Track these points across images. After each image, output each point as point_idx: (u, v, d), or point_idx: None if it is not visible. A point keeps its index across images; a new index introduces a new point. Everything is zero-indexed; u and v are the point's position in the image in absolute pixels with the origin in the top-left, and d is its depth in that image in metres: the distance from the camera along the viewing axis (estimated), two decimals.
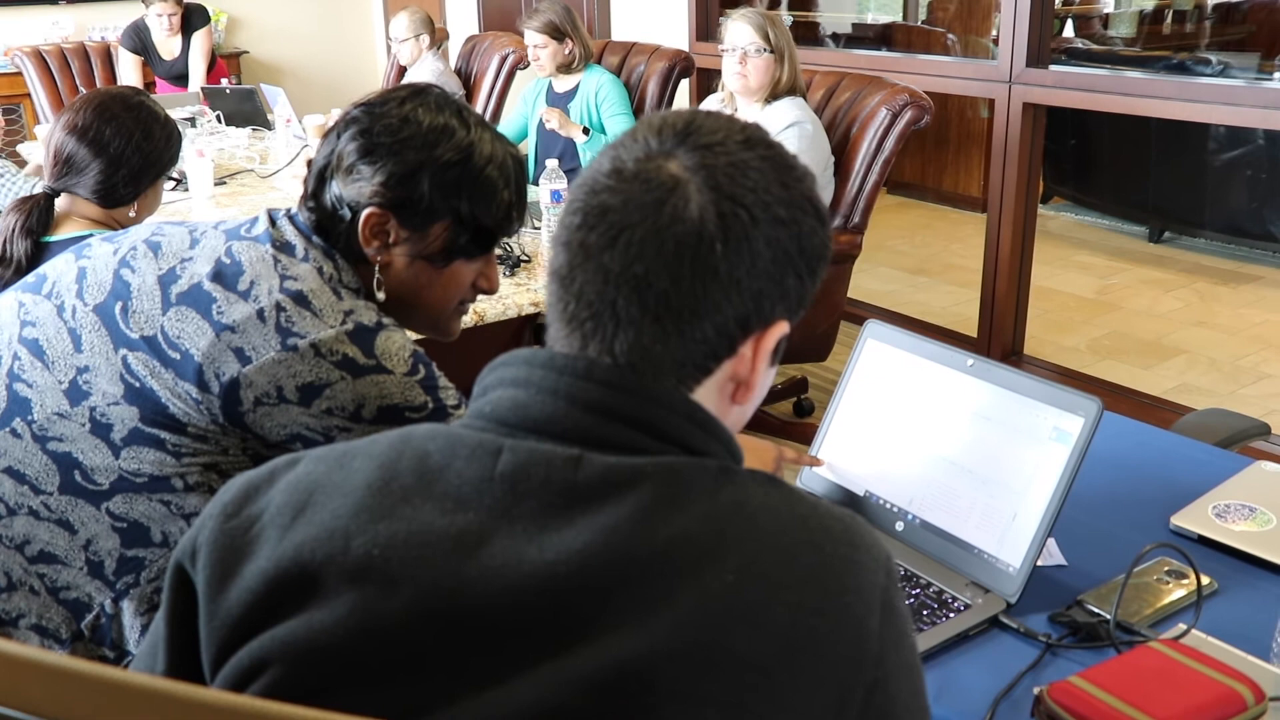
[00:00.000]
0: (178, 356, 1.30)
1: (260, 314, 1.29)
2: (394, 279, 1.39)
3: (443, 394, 1.38)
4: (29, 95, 5.88)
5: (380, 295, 1.39)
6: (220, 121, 4.65)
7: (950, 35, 6.22)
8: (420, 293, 1.41)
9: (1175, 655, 1.04)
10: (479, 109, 4.94)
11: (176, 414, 1.31)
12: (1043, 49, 3.66)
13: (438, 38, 5.24)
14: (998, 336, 3.89)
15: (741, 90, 3.18)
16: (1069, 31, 6.43)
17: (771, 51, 3.09)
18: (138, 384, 1.31)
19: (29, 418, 1.33)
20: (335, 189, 1.36)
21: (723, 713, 0.68)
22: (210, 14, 5.79)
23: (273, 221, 1.39)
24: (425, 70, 4.92)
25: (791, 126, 3.03)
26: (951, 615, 1.25)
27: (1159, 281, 5.08)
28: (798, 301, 0.84)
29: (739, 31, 3.11)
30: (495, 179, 1.38)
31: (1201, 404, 3.34)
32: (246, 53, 6.93)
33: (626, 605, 0.70)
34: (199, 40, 5.56)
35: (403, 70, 5.20)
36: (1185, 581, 1.28)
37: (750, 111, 3.18)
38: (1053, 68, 3.66)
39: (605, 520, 0.72)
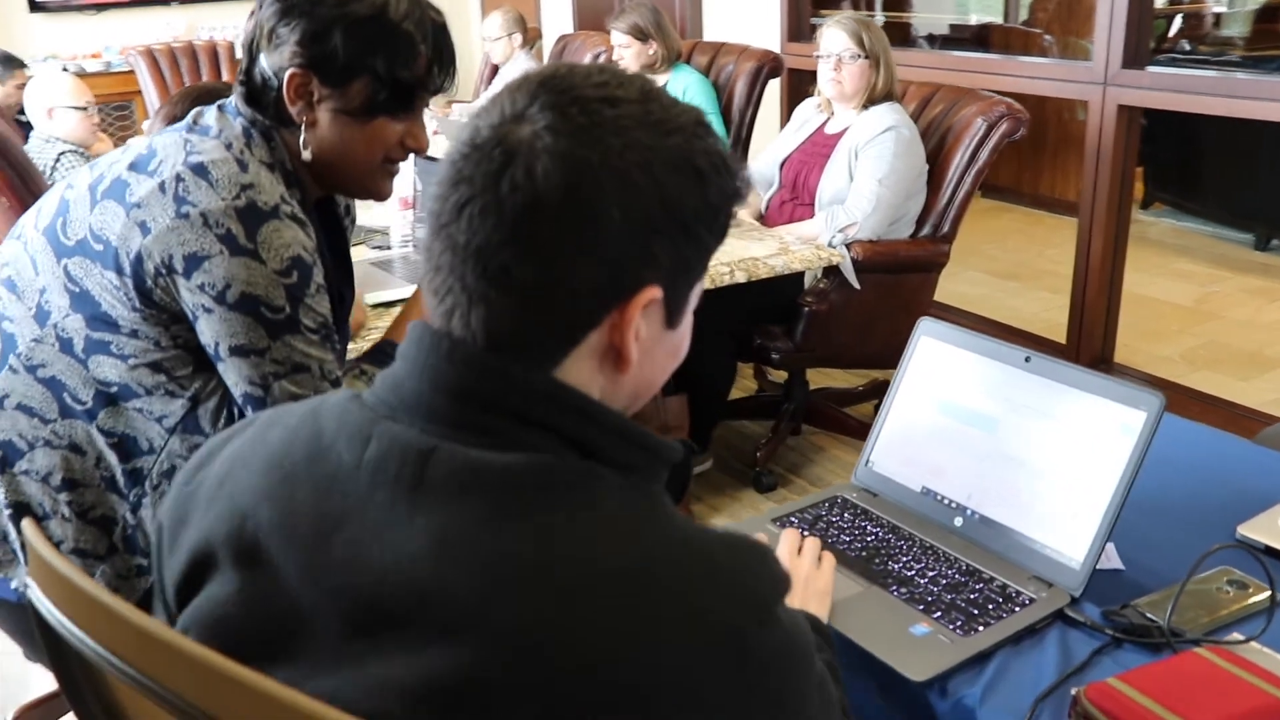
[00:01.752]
0: (101, 248, 1.35)
1: (161, 186, 1.33)
2: (320, 138, 1.43)
3: (304, 311, 1.38)
4: (139, 93, 6.10)
5: (306, 154, 1.43)
6: None
7: (1047, 36, 6.09)
8: (345, 150, 1.44)
9: (1221, 662, 1.01)
10: None
11: (108, 311, 1.36)
12: (1140, 49, 3.56)
13: (530, 37, 5.30)
14: (1086, 343, 3.80)
15: (837, 96, 3.18)
16: (1179, 32, 6.25)
17: (866, 57, 3.08)
18: (77, 289, 1.37)
19: (17, 351, 1.41)
20: (262, 62, 1.40)
21: None
22: None
23: (200, 114, 1.44)
24: (517, 69, 4.98)
25: (888, 131, 3.02)
26: (1017, 610, 1.23)
27: (1263, 291, 4.91)
28: (675, 266, 0.78)
29: (833, 38, 3.10)
30: (412, 34, 1.40)
31: None
32: None
33: (443, 619, 0.68)
34: None
35: (495, 68, 5.27)
36: (1247, 591, 1.24)
37: (847, 116, 3.18)
38: (1150, 69, 3.57)
39: (439, 527, 0.71)
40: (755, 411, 3.65)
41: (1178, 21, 6.26)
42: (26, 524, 0.84)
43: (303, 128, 1.42)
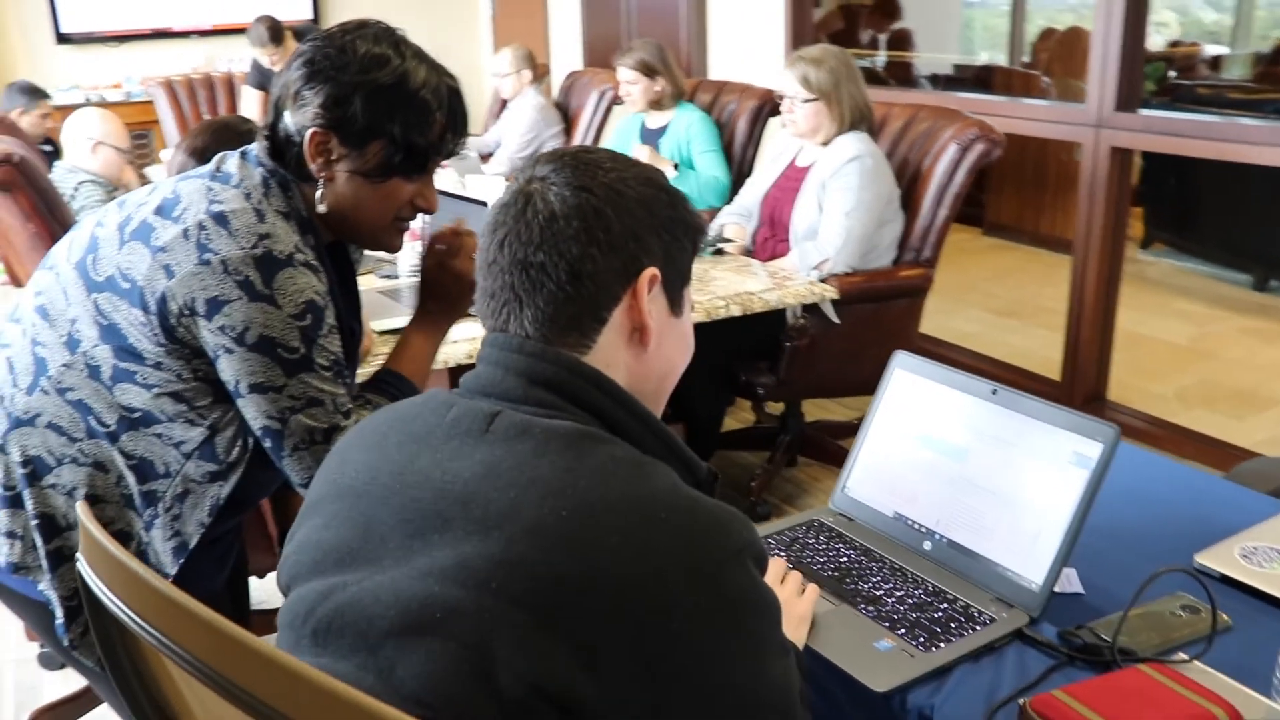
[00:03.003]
0: (128, 286, 1.44)
1: (185, 233, 1.42)
2: (336, 194, 1.52)
3: (318, 351, 1.46)
4: (157, 122, 6.23)
5: (321, 207, 1.52)
6: None
7: (1045, 78, 6.19)
8: (359, 207, 1.53)
9: (1158, 677, 1.08)
10: (578, 141, 5.09)
11: (134, 344, 1.44)
12: (1132, 92, 3.65)
13: (539, 73, 5.41)
14: (1080, 381, 3.87)
15: (794, 135, 3.26)
16: (1179, 75, 6.34)
17: (817, 98, 3.13)
18: (106, 322, 1.46)
19: (48, 374, 1.49)
20: (286, 118, 1.50)
21: (533, 617, 0.83)
22: None
23: (223, 159, 1.54)
24: (527, 104, 5.10)
25: (852, 161, 3.07)
26: (978, 628, 1.30)
27: (1259, 331, 4.97)
28: (666, 254, 1.04)
29: (785, 80, 3.19)
30: (428, 102, 1.49)
31: None
32: None
33: (480, 517, 0.88)
34: None
35: (504, 103, 5.38)
36: (1199, 616, 1.30)
37: (813, 150, 3.24)
38: (1142, 111, 3.65)
39: (492, 457, 0.92)
40: (752, 443, 3.72)
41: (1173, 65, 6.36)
42: (80, 505, 0.95)
43: (320, 183, 1.51)
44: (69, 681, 2.51)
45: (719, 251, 3.19)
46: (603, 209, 1.00)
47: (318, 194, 1.51)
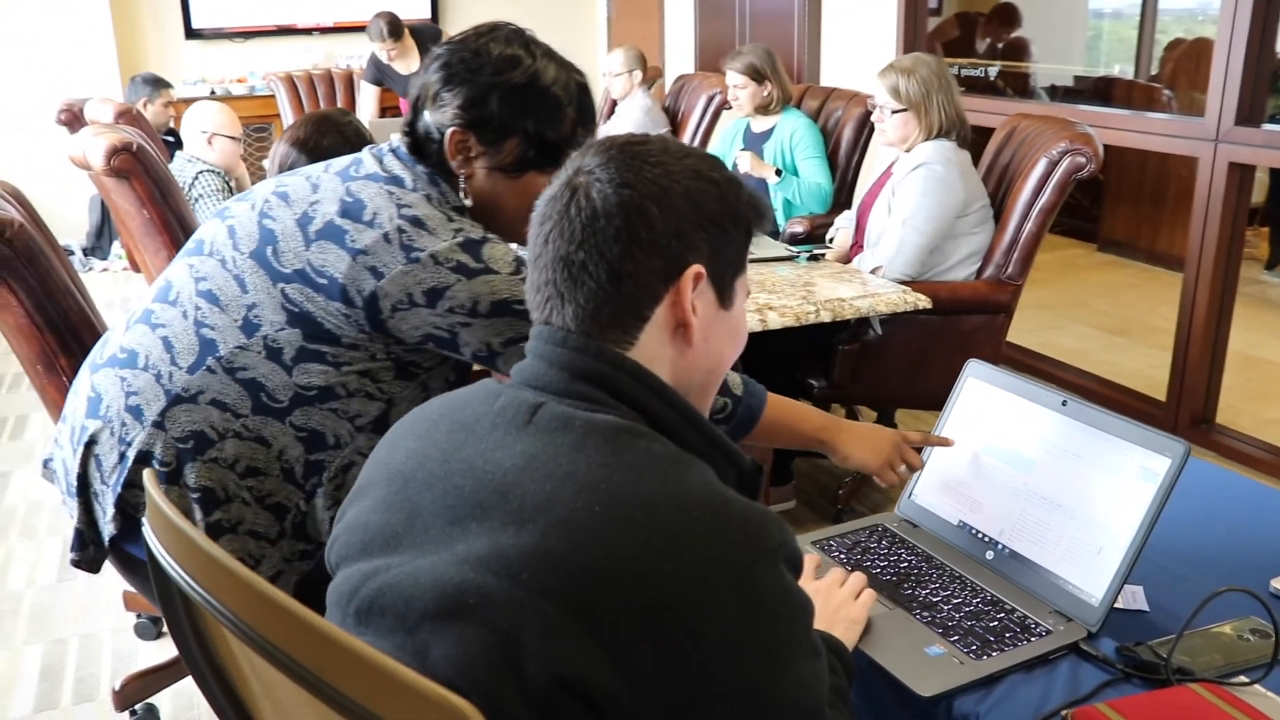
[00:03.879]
0: (325, 282, 1.52)
1: (385, 237, 1.51)
2: (476, 189, 1.59)
3: None
4: (278, 116, 6.45)
5: (467, 202, 1.59)
6: None
7: (1167, 91, 6.00)
8: (499, 201, 1.60)
9: (1209, 697, 1.05)
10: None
11: (331, 329, 1.54)
12: (1255, 106, 3.53)
13: (650, 75, 5.45)
14: (1187, 402, 3.75)
15: (883, 143, 3.26)
16: None
17: (906, 109, 3.11)
18: (297, 310, 1.54)
19: (217, 354, 1.58)
20: (426, 117, 1.57)
21: (562, 610, 0.84)
22: (441, 35, 6.19)
23: (379, 160, 1.61)
24: (635, 105, 5.14)
25: (919, 168, 3.05)
26: (1033, 639, 1.29)
27: None
28: (713, 250, 1.02)
29: (876, 90, 3.18)
30: (560, 98, 1.57)
31: None
32: None
33: (517, 508, 0.89)
34: None
35: (614, 104, 5.43)
36: (1269, 641, 1.27)
37: (903, 158, 3.22)
38: (1266, 126, 3.53)
39: (533, 449, 0.93)
40: None
41: None
42: (146, 474, 1.01)
43: (461, 179, 1.59)
44: (163, 650, 2.63)
45: (814, 257, 3.18)
46: (646, 206, 0.98)
47: (460, 189, 1.59)
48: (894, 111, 3.13)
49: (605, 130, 5.35)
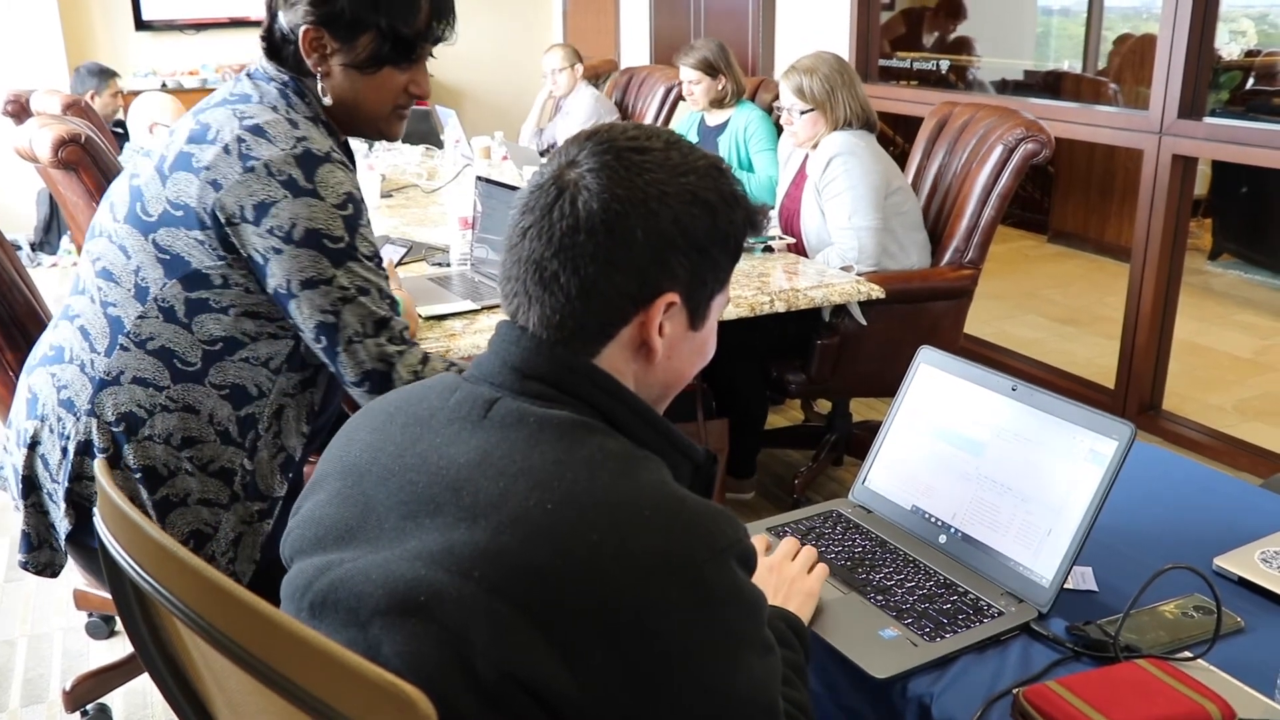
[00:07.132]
0: (181, 214, 1.54)
1: (225, 149, 1.52)
2: (335, 88, 1.62)
3: (359, 240, 1.56)
4: None
5: (327, 100, 1.62)
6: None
7: (1114, 85, 6.10)
8: (358, 99, 1.63)
9: (1156, 672, 1.08)
10: None
11: (198, 267, 1.54)
12: (1197, 100, 3.60)
13: (607, 68, 5.44)
14: (1135, 390, 3.82)
15: (795, 144, 3.28)
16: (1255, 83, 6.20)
17: (814, 108, 3.13)
18: (168, 255, 1.55)
19: (125, 330, 1.58)
20: (280, 19, 1.60)
21: (513, 608, 0.84)
22: None
23: (231, 88, 1.62)
24: (584, 97, 5.13)
25: (833, 160, 3.08)
26: (985, 621, 1.31)
27: None
28: (692, 278, 1.00)
29: (782, 93, 3.21)
30: None
31: None
32: (431, 76, 7.33)
33: (470, 505, 0.89)
34: None
35: (558, 104, 5.42)
36: (1211, 618, 1.30)
37: (806, 153, 3.27)
38: (1207, 119, 3.60)
39: (486, 444, 0.93)
40: (799, 441, 3.73)
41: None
42: (97, 463, 1.00)
43: (318, 78, 1.61)
44: (115, 649, 2.60)
45: (769, 249, 3.20)
46: (630, 226, 0.95)
47: (319, 88, 1.61)
48: (802, 112, 3.15)
49: (553, 130, 5.34)
